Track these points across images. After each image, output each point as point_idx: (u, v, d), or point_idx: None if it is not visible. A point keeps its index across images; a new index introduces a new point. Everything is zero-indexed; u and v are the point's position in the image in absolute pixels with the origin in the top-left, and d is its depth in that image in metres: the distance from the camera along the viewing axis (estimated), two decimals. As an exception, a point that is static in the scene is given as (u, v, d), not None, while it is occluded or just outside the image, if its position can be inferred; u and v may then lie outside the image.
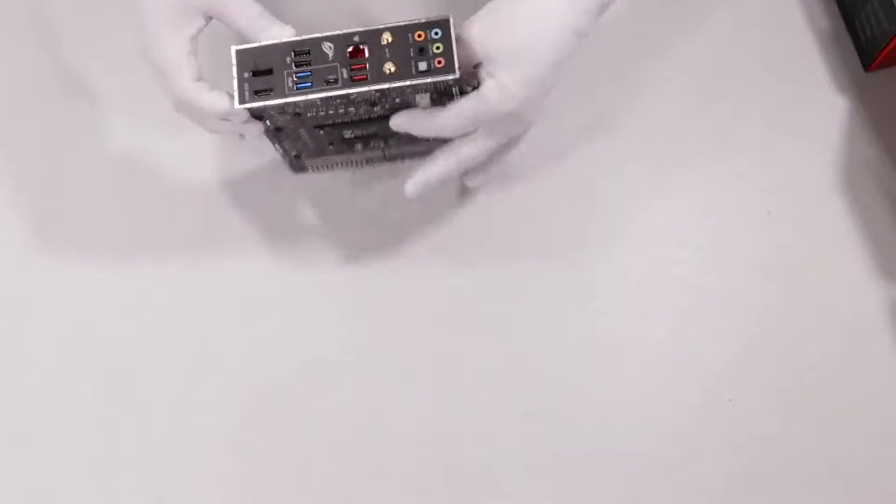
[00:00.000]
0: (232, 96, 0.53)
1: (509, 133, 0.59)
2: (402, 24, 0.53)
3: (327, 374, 0.64)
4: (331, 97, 0.53)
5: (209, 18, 0.55)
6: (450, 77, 0.53)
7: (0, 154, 0.70)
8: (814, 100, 0.74)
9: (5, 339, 0.64)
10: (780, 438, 0.64)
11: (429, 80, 0.53)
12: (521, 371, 0.65)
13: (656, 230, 0.69)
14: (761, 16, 0.77)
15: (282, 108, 0.55)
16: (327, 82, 0.53)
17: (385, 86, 0.53)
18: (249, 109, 0.54)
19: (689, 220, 0.70)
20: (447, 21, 0.53)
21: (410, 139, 0.60)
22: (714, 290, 0.68)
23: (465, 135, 0.58)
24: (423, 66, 0.53)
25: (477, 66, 0.55)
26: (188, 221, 0.68)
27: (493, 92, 0.54)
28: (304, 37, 0.54)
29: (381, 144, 0.64)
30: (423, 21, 0.53)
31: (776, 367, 0.66)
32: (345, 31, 0.53)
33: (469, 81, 0.56)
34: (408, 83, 0.53)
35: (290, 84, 0.53)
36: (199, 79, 0.56)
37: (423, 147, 0.62)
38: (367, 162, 0.67)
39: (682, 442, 0.63)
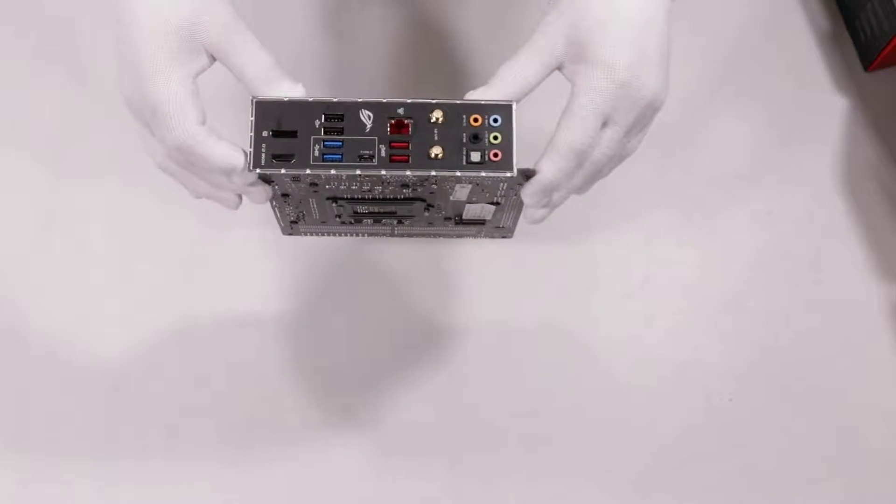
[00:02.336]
0: (245, 151, 0.45)
1: (633, 113, 0.48)
2: (457, 102, 0.45)
3: (327, 375, 0.64)
4: (361, 175, 0.45)
5: (213, 59, 0.48)
6: (505, 174, 0.45)
7: (0, 154, 0.70)
8: (814, 100, 0.74)
9: (5, 339, 0.64)
10: (780, 438, 0.64)
11: (480, 174, 0.45)
12: (521, 371, 0.65)
13: (656, 230, 0.69)
14: (761, 16, 0.77)
15: (298, 176, 0.46)
16: (360, 158, 0.45)
17: (427, 173, 0.45)
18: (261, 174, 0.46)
19: (689, 220, 0.70)
20: (510, 107, 0.45)
21: (429, 221, 0.53)
22: (714, 290, 0.68)
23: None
24: (475, 156, 0.45)
25: (560, 69, 0.48)
26: (188, 221, 0.67)
27: (594, 74, 0.46)
28: (341, 98, 0.45)
29: (394, 223, 0.54)
30: (481, 102, 0.45)
31: (776, 367, 0.66)
32: (389, 99, 0.45)
33: (513, 186, 0.48)
34: (454, 174, 0.45)
35: (317, 153, 0.45)
36: (205, 123, 0.47)
37: (436, 230, 0.55)
38: (369, 235, 0.57)
39: (682, 442, 0.63)
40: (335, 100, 0.45)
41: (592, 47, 0.46)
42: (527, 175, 0.46)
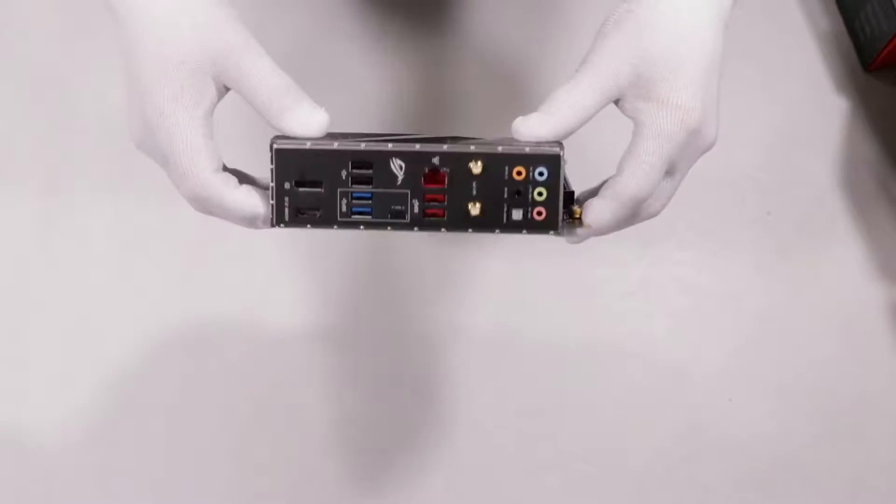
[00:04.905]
0: (264, 188, 0.42)
1: (693, 159, 0.44)
2: (499, 151, 0.40)
3: (327, 376, 0.64)
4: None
5: (225, 89, 0.43)
6: (549, 233, 0.41)
7: (0, 154, 0.70)
8: (814, 100, 0.74)
9: (5, 339, 0.64)
10: (780, 438, 0.64)
11: (522, 233, 0.41)
12: (522, 371, 0.65)
13: (656, 230, 0.69)
14: (761, 16, 0.77)
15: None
16: (392, 214, 0.40)
17: (464, 232, 0.41)
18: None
19: (689, 220, 0.70)
20: (557, 158, 0.40)
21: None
22: (714, 290, 0.68)
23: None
24: (517, 214, 0.40)
25: (616, 101, 0.43)
26: (188, 222, 0.68)
27: (665, 117, 0.42)
28: (369, 146, 0.40)
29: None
30: (526, 152, 0.40)
31: (776, 367, 0.66)
32: (422, 146, 0.40)
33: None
34: (494, 233, 0.41)
35: (344, 207, 0.40)
36: (221, 168, 0.43)
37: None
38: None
39: (682, 441, 0.63)
40: (363, 147, 0.40)
41: (665, 86, 0.42)
42: (570, 214, 0.43)
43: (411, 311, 0.66)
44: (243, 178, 0.44)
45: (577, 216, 0.43)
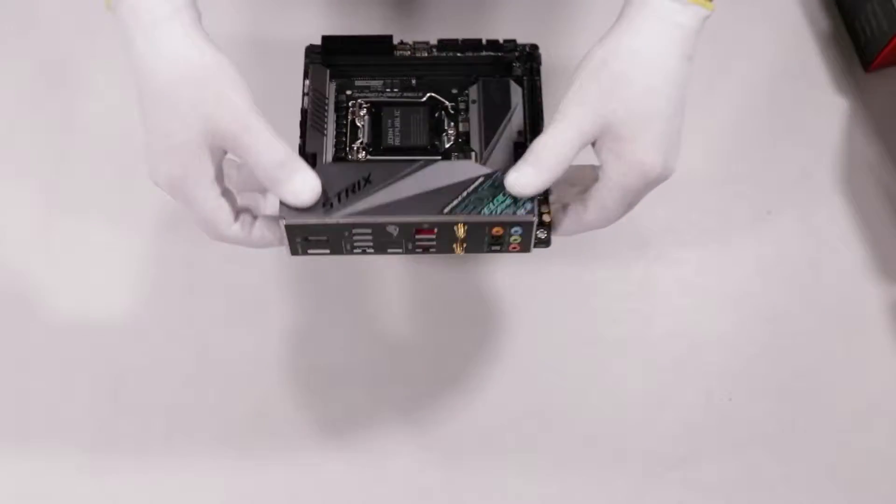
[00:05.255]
0: (279, 216, 0.47)
1: (650, 189, 0.49)
2: (482, 220, 0.47)
3: (327, 375, 0.64)
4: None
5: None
6: (523, 253, 0.50)
7: (0, 154, 0.70)
8: (814, 100, 0.74)
9: (4, 339, 0.64)
10: (780, 438, 0.64)
11: (499, 253, 0.51)
12: (522, 371, 0.65)
13: (656, 230, 0.69)
14: (761, 16, 0.77)
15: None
16: (389, 250, 0.49)
17: (450, 252, 0.50)
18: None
19: (689, 220, 0.70)
20: (531, 224, 0.48)
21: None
22: (714, 290, 0.68)
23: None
24: (495, 248, 0.50)
25: (593, 143, 0.48)
26: (188, 221, 0.67)
27: (630, 173, 0.47)
28: (365, 219, 0.47)
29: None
30: (503, 220, 0.47)
31: (776, 367, 0.66)
32: (414, 218, 0.47)
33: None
34: (476, 253, 0.50)
35: (349, 247, 0.49)
36: (239, 214, 0.48)
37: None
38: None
39: (682, 441, 0.63)
40: (361, 221, 0.47)
41: (632, 146, 0.46)
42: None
43: (411, 311, 0.66)
44: (255, 205, 0.51)
45: (548, 222, 0.50)
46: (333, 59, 0.54)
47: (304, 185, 0.46)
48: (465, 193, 0.48)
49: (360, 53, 0.54)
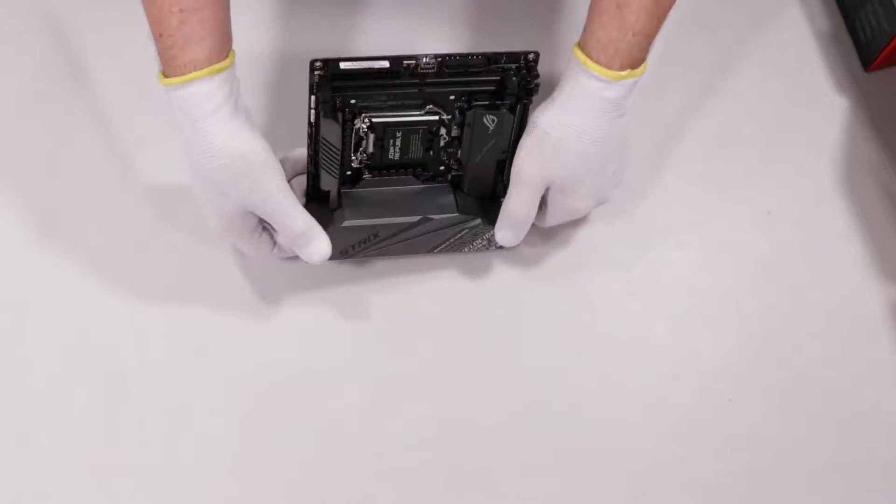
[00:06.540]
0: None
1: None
2: (463, 252, 0.66)
3: (328, 376, 0.64)
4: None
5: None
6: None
7: (0, 154, 0.70)
8: (814, 100, 0.74)
9: (4, 339, 0.64)
10: (780, 438, 0.64)
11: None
12: (522, 370, 0.65)
13: (656, 230, 0.69)
14: (761, 16, 0.77)
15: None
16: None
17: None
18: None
19: (689, 220, 0.70)
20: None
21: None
22: (714, 290, 0.68)
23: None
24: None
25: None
26: (188, 221, 0.68)
27: (564, 214, 0.63)
28: (363, 259, 0.66)
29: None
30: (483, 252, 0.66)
31: (776, 367, 0.66)
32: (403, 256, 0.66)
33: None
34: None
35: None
36: (275, 245, 0.62)
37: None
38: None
39: (682, 442, 0.63)
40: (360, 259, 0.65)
41: (567, 199, 0.61)
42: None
43: (410, 310, 0.66)
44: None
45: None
46: (339, 82, 0.58)
47: (318, 252, 0.60)
48: (451, 240, 0.64)
49: (364, 78, 0.59)
